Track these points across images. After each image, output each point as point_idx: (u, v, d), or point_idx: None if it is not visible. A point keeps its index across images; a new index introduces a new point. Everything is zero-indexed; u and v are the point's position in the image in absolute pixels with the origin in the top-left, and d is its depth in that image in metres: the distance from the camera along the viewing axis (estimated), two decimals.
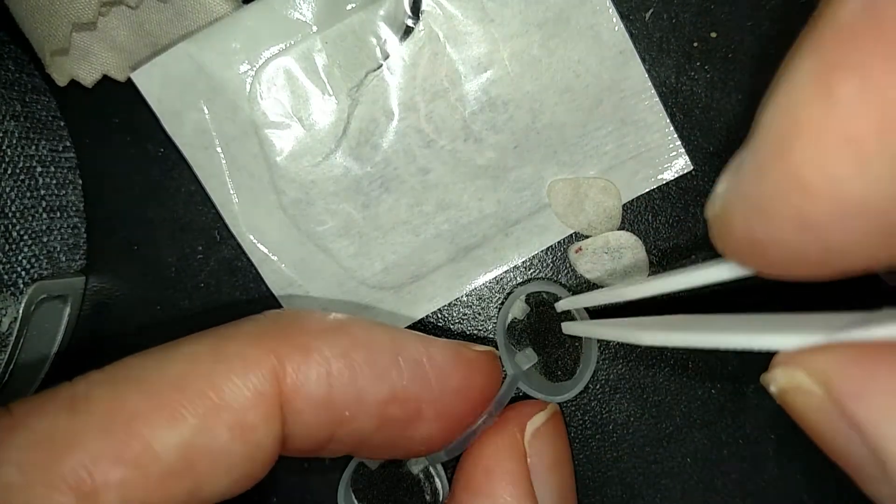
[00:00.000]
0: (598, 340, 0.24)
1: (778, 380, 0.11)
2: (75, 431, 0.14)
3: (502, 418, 0.19)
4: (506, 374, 0.22)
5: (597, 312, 0.24)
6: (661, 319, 0.16)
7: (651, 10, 0.23)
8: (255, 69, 0.23)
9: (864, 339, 0.10)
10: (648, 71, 0.23)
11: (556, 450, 0.19)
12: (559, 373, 0.24)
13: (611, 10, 0.22)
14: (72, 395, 0.14)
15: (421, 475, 0.24)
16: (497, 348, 0.23)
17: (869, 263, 0.09)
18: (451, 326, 0.25)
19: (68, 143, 0.25)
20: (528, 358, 0.23)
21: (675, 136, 0.23)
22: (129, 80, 0.23)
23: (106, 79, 0.24)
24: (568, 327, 0.23)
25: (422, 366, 0.17)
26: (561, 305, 0.23)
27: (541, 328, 0.24)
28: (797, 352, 0.11)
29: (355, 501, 0.24)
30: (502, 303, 0.24)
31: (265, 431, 0.15)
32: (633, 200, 0.24)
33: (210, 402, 0.15)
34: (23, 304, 0.22)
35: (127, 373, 0.15)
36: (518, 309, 0.24)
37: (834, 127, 0.08)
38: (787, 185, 0.09)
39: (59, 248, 0.24)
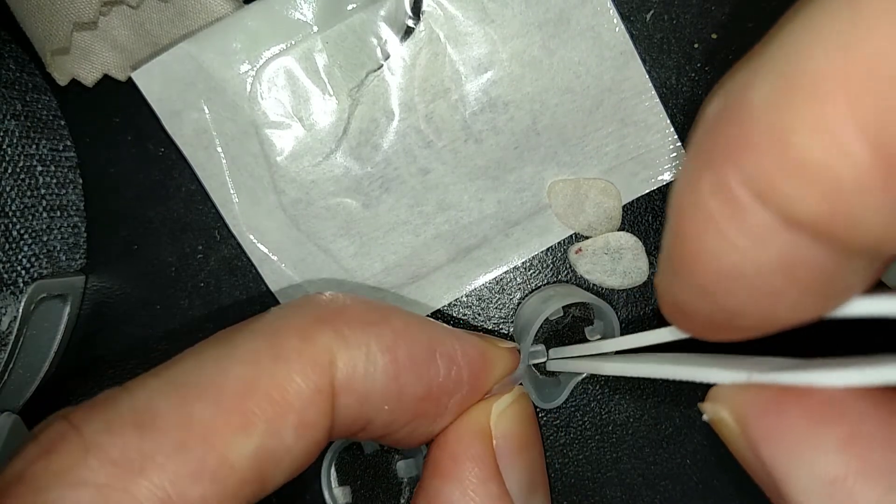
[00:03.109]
0: None
1: (707, 412, 0.13)
2: (150, 451, 0.13)
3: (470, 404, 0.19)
4: None
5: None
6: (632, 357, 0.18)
7: (652, 12, 0.23)
8: (255, 69, 0.23)
9: (776, 383, 0.12)
10: (649, 72, 0.23)
11: (523, 431, 0.19)
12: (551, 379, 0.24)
13: (611, 11, 0.22)
14: (135, 409, 0.14)
15: (405, 481, 0.24)
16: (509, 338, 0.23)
17: (768, 323, 0.11)
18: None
19: (69, 143, 0.25)
20: (535, 354, 0.23)
21: (676, 137, 0.23)
22: (130, 80, 0.23)
23: (106, 78, 0.24)
24: (550, 364, 0.23)
25: (456, 362, 0.18)
26: (550, 366, 0.23)
27: (562, 333, 0.24)
28: (723, 389, 0.13)
29: (335, 476, 0.24)
30: (520, 299, 0.24)
31: (322, 426, 0.15)
32: (633, 201, 0.24)
33: (277, 404, 0.15)
34: (23, 304, 0.22)
35: (186, 378, 0.15)
36: (556, 312, 0.24)
37: (700, 212, 0.10)
38: (680, 257, 0.11)
39: (59, 248, 0.24)
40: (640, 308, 0.24)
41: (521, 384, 0.20)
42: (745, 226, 0.10)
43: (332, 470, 0.24)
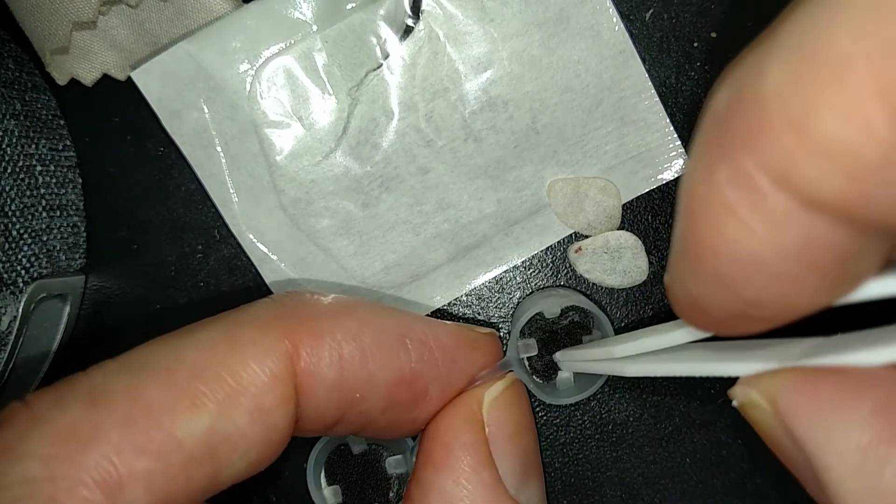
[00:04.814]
0: None
1: (737, 395, 0.14)
2: (97, 424, 0.14)
3: (462, 391, 0.19)
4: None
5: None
6: (645, 349, 0.18)
7: (651, 10, 0.23)
8: (254, 68, 0.23)
9: (807, 365, 0.12)
10: (648, 71, 0.23)
11: (516, 418, 0.19)
12: (553, 376, 0.24)
13: (611, 10, 0.22)
14: (90, 387, 0.14)
15: (394, 476, 0.24)
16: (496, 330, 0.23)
17: (785, 312, 0.11)
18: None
19: (68, 142, 0.25)
20: (527, 348, 0.23)
21: (675, 136, 0.23)
22: (129, 79, 0.23)
23: (106, 77, 0.24)
24: (562, 364, 0.23)
25: (428, 346, 0.18)
26: (557, 357, 0.23)
27: (559, 335, 0.24)
28: (755, 375, 0.13)
29: (324, 476, 0.24)
30: (524, 296, 0.24)
31: (281, 414, 0.15)
32: (632, 200, 0.24)
33: (229, 387, 0.15)
34: (22, 303, 0.22)
35: (143, 362, 0.15)
36: (552, 310, 0.24)
37: (717, 202, 0.10)
38: (697, 249, 0.11)
39: (58, 247, 0.24)
40: (639, 307, 0.24)
41: (511, 371, 0.20)
42: (765, 211, 0.10)
43: (322, 473, 0.24)
